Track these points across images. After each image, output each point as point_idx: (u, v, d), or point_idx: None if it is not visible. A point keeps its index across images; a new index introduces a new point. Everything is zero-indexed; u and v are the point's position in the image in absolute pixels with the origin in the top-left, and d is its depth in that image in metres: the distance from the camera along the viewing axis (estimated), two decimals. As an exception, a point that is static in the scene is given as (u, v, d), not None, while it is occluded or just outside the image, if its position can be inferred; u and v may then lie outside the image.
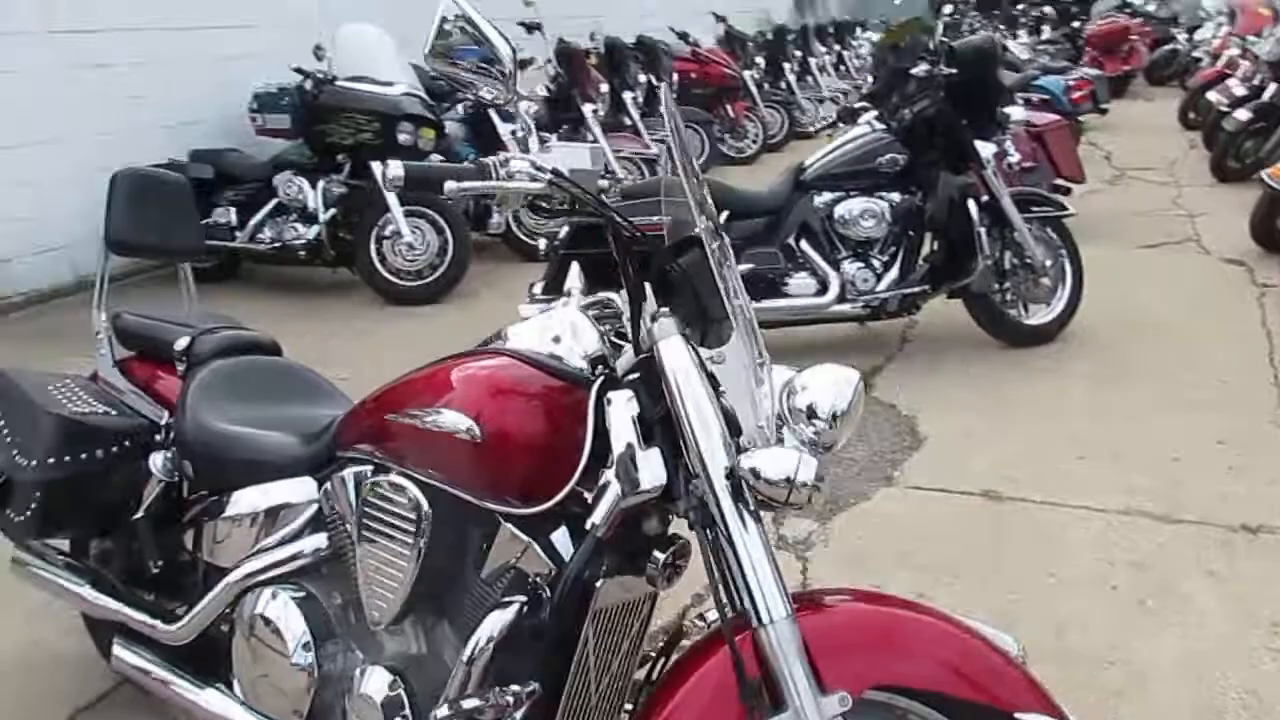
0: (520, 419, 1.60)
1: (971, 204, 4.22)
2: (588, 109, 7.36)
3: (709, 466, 1.43)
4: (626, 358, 1.63)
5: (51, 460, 1.99)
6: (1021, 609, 2.56)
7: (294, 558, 1.86)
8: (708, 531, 1.46)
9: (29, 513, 2.03)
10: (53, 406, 2.06)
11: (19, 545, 2.29)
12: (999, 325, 4.49)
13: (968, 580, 2.70)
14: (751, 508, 1.44)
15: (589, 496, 1.55)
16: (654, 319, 1.53)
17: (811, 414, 1.42)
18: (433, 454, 1.65)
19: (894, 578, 2.74)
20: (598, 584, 1.58)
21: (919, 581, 2.71)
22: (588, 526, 1.57)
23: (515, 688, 1.54)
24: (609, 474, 1.53)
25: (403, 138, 5.60)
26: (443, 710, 1.54)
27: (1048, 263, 4.44)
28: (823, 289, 4.35)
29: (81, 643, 2.40)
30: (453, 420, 1.60)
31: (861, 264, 4.36)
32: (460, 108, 6.63)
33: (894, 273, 4.35)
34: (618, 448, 1.55)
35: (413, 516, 1.65)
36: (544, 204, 1.49)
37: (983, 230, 4.21)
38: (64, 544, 2.32)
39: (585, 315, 1.71)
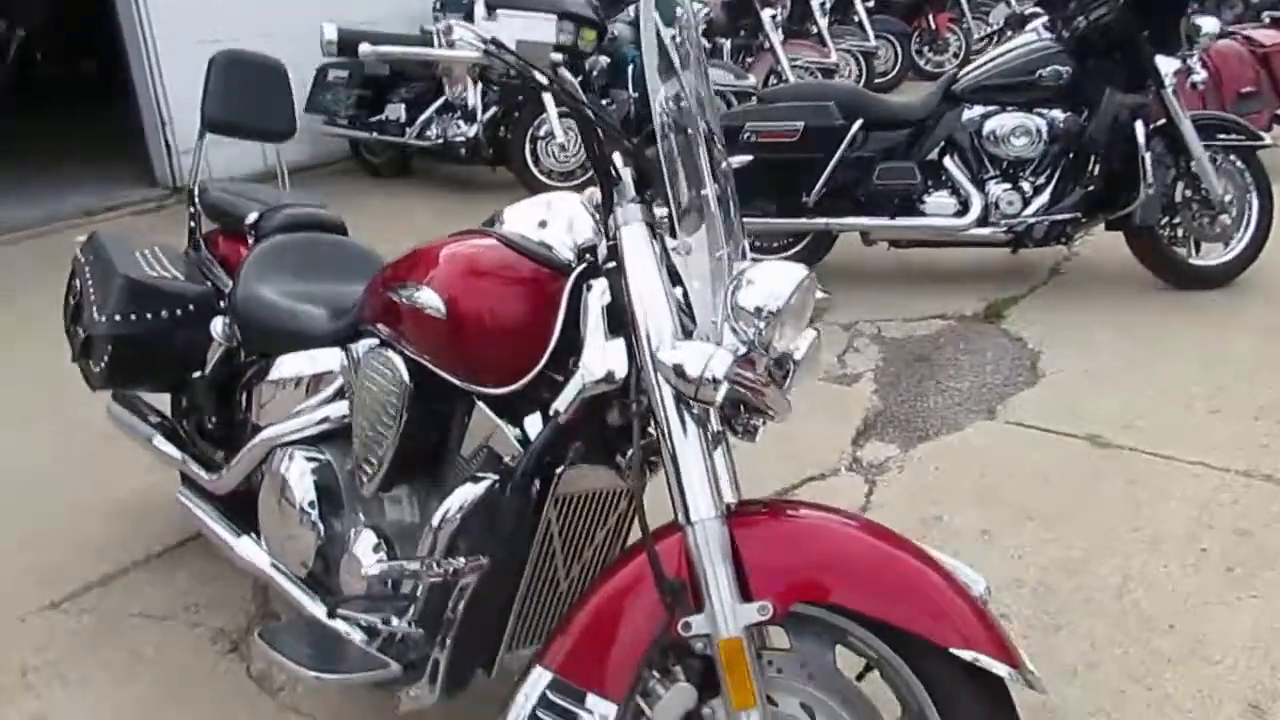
0: (491, 302, 1.61)
1: (1139, 125, 3.81)
2: (766, 14, 7.11)
3: (651, 359, 1.39)
4: (605, 247, 1.60)
5: (118, 317, 2.18)
6: (1088, 560, 2.37)
7: (315, 424, 1.97)
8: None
9: (103, 364, 2.23)
10: (127, 269, 2.23)
11: (113, 395, 2.53)
12: (1162, 263, 4.08)
13: (1039, 524, 2.52)
14: (696, 411, 1.40)
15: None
16: (621, 206, 1.49)
17: (749, 310, 1.34)
18: (414, 330, 1.69)
19: (961, 512, 2.59)
20: (558, 469, 1.59)
21: (986, 518, 2.55)
22: (551, 412, 1.58)
23: (461, 559, 1.58)
24: (580, 362, 1.54)
25: (562, 37, 5.60)
26: (375, 568, 1.60)
27: (1229, 198, 3.96)
28: (963, 210, 4.07)
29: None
30: (426, 298, 1.63)
31: (1009, 185, 4.04)
32: (630, 10, 6.56)
33: (1044, 197, 4.01)
34: (586, 336, 1.54)
35: (396, 389, 1.70)
36: (490, 77, 1.46)
37: (1148, 156, 3.80)
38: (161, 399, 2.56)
39: (585, 204, 1.69)
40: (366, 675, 1.67)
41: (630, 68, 6.14)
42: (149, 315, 2.20)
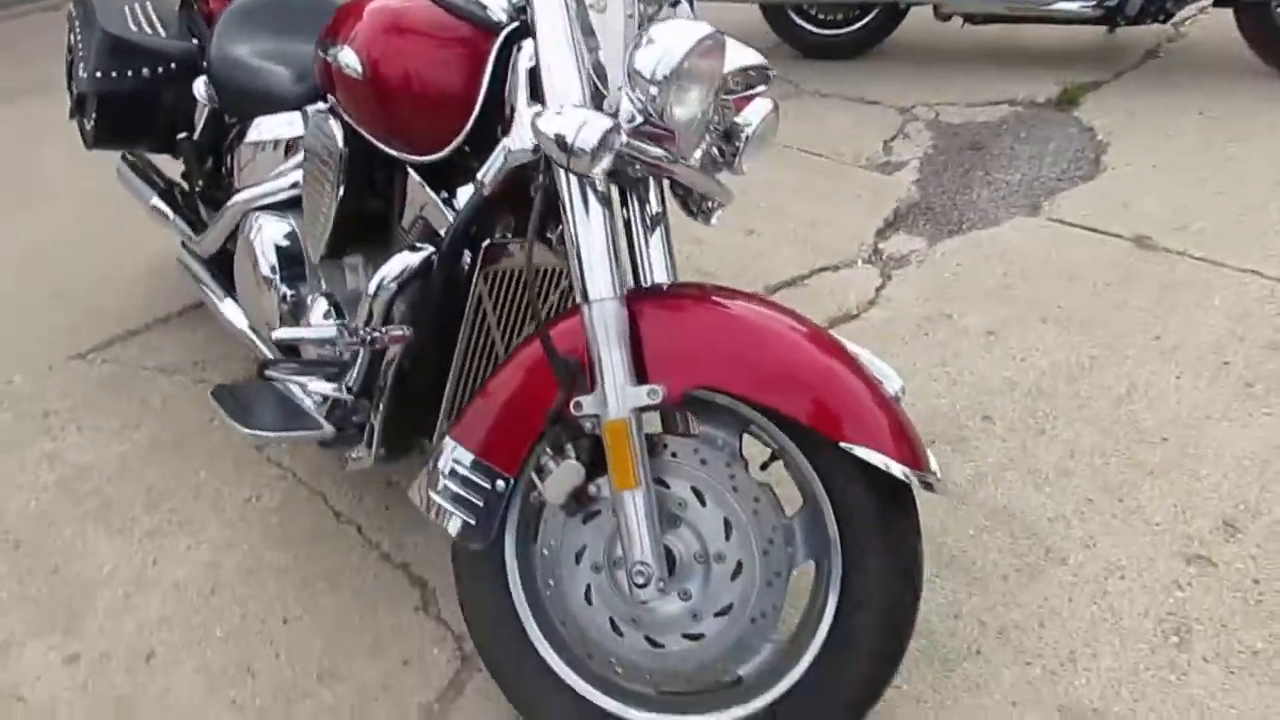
0: (413, 62, 1.52)
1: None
2: None
3: (533, 127, 1.30)
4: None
5: (99, 74, 2.16)
6: (1095, 366, 2.25)
7: (285, 189, 1.95)
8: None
9: (93, 121, 2.23)
10: (108, 24, 2.19)
11: (122, 156, 2.56)
12: (1272, 45, 3.63)
13: (1053, 326, 2.39)
14: (600, 187, 1.32)
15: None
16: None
17: (644, 75, 1.22)
18: (342, 93, 1.63)
19: (972, 311, 2.47)
20: (484, 242, 1.54)
21: (998, 318, 2.43)
22: (476, 182, 1.52)
23: (382, 329, 1.57)
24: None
25: None
26: (284, 333, 1.61)
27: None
28: (1050, -21, 3.67)
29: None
30: (346, 58, 1.55)
31: (1104, -50, 3.60)
32: None
33: (1143, -35, 3.57)
34: (513, 103, 1.46)
35: (332, 155, 1.66)
36: None
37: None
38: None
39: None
40: (298, 434, 1.72)
41: None
42: (129, 73, 2.17)
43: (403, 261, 1.60)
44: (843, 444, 1.26)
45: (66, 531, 2.05)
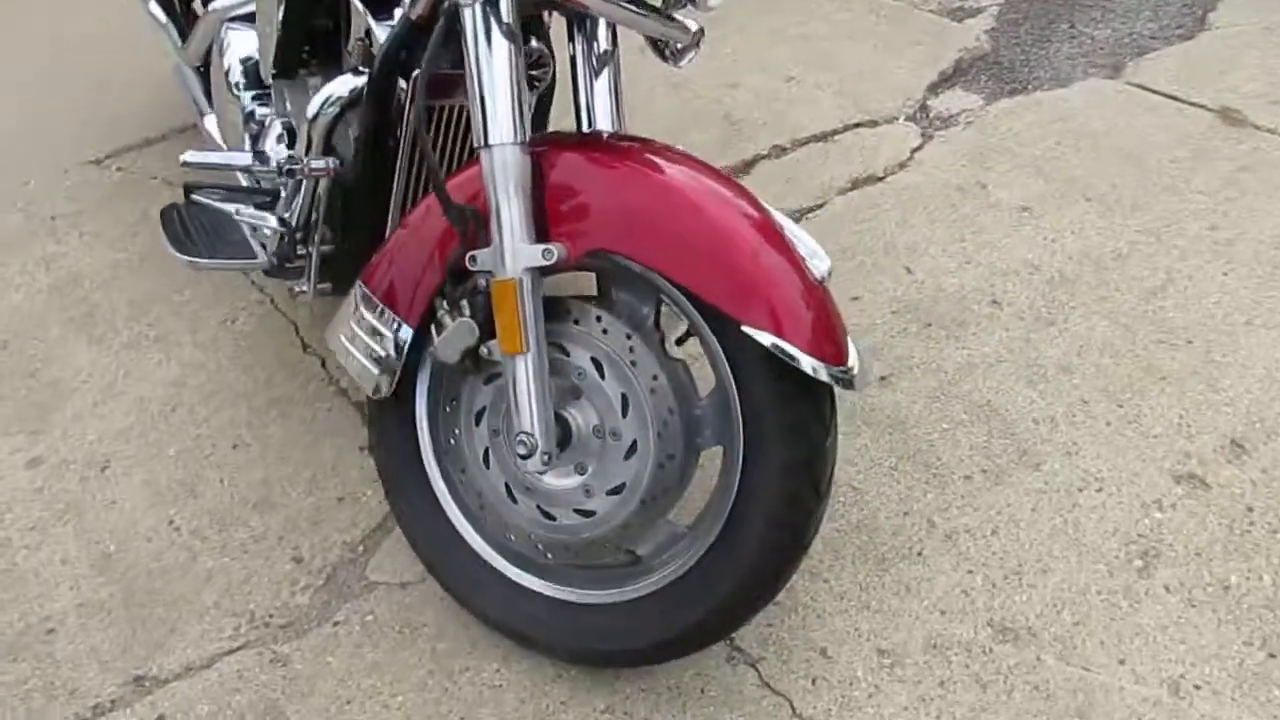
0: None
1: None
2: None
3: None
4: None
5: None
6: (1132, 254, 2.02)
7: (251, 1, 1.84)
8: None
9: None
10: None
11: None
12: None
13: (1095, 206, 2.15)
14: (506, 20, 1.18)
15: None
16: None
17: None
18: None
19: (1010, 183, 2.24)
20: (415, 71, 1.42)
21: (1036, 193, 2.20)
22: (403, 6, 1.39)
23: (304, 159, 1.49)
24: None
25: None
26: (191, 156, 1.55)
27: None
28: None
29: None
30: None
31: None
32: None
33: None
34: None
35: (277, -34, 1.54)
36: None
37: None
38: None
39: None
40: (232, 263, 1.68)
41: None
42: None
43: (339, 87, 1.50)
44: (745, 327, 1.14)
45: (52, 333, 2.09)
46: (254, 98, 1.83)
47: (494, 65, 1.18)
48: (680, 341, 1.33)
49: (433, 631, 1.50)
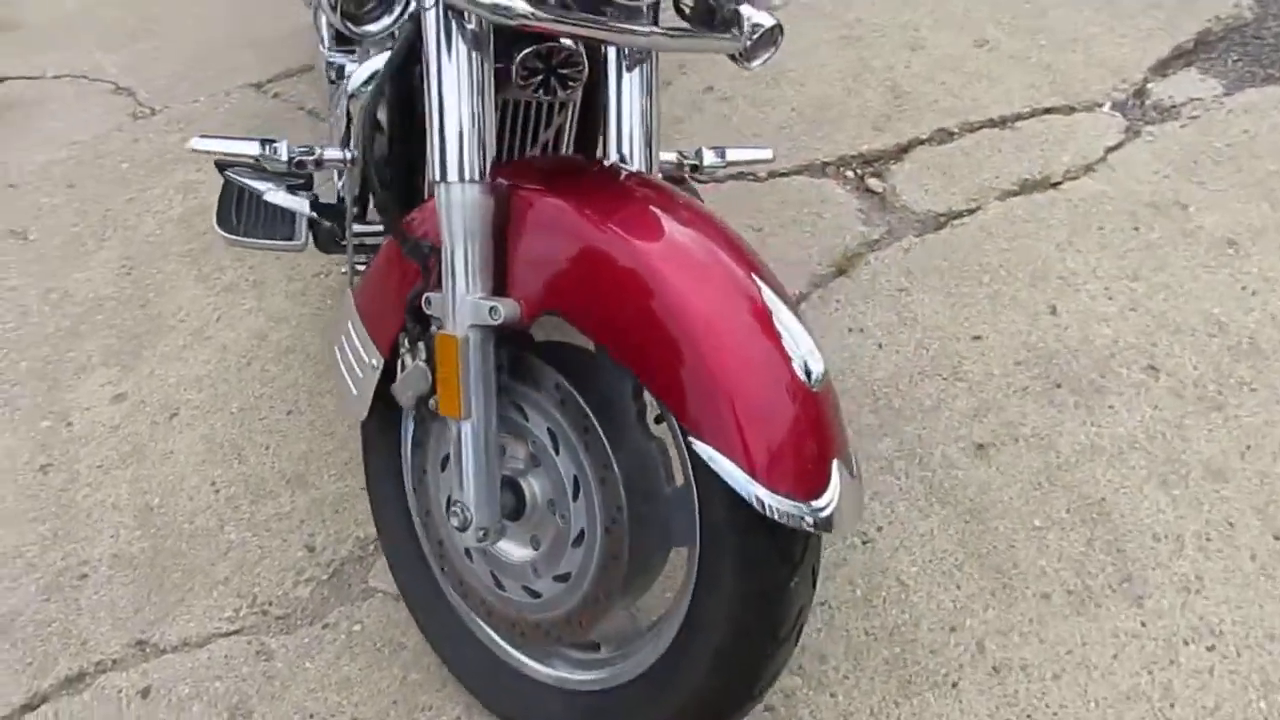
0: None
1: None
2: None
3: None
4: None
5: None
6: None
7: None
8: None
9: None
10: None
11: None
12: None
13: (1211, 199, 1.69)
14: (472, 26, 1.00)
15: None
16: None
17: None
18: None
19: (1221, 201, 1.82)
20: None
21: (1250, 220, 1.76)
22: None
23: (325, 150, 1.39)
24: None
25: None
26: (199, 143, 1.47)
27: None
28: None
29: None
30: None
31: None
32: None
33: None
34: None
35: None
36: None
37: None
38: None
39: None
40: (267, 243, 1.61)
41: None
42: None
43: (369, 69, 1.38)
44: (691, 440, 0.94)
45: (169, 266, 2.15)
46: (339, 54, 1.75)
47: (446, 79, 1.01)
48: (658, 421, 1.13)
49: (409, 658, 1.43)
